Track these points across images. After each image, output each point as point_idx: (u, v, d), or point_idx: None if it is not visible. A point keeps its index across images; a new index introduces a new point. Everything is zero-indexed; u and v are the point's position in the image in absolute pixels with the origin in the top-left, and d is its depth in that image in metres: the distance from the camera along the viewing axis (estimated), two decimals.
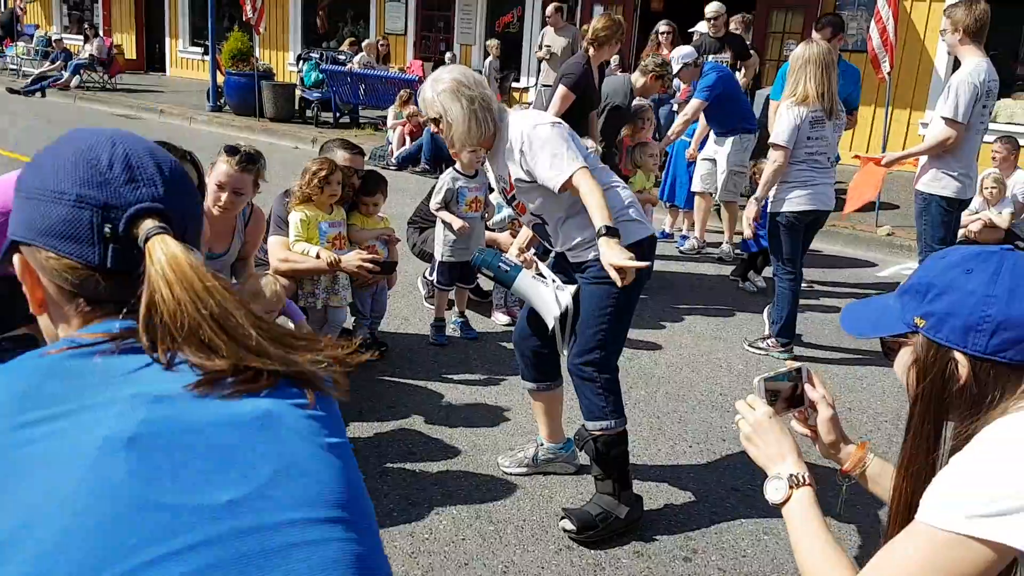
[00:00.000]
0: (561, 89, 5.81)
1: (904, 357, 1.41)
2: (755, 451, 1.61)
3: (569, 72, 5.90)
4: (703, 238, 7.55)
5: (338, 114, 13.98)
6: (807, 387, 1.70)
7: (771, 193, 4.95)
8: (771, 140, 4.91)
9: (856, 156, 6.57)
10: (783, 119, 4.80)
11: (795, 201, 4.85)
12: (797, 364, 1.71)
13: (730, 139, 7.18)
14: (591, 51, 5.84)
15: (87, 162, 1.00)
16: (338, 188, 4.25)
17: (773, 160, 4.83)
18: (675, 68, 6.93)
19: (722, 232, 7.54)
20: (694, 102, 7.07)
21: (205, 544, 0.83)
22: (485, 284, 5.76)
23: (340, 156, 4.41)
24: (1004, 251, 1.34)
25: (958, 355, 1.32)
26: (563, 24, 11.27)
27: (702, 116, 7.26)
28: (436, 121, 3.11)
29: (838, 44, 6.75)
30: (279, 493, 0.89)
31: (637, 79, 6.35)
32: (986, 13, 4.87)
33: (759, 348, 5.18)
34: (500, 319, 5.39)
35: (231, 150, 3.63)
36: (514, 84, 15.18)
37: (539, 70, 11.33)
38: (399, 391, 4.28)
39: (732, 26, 9.94)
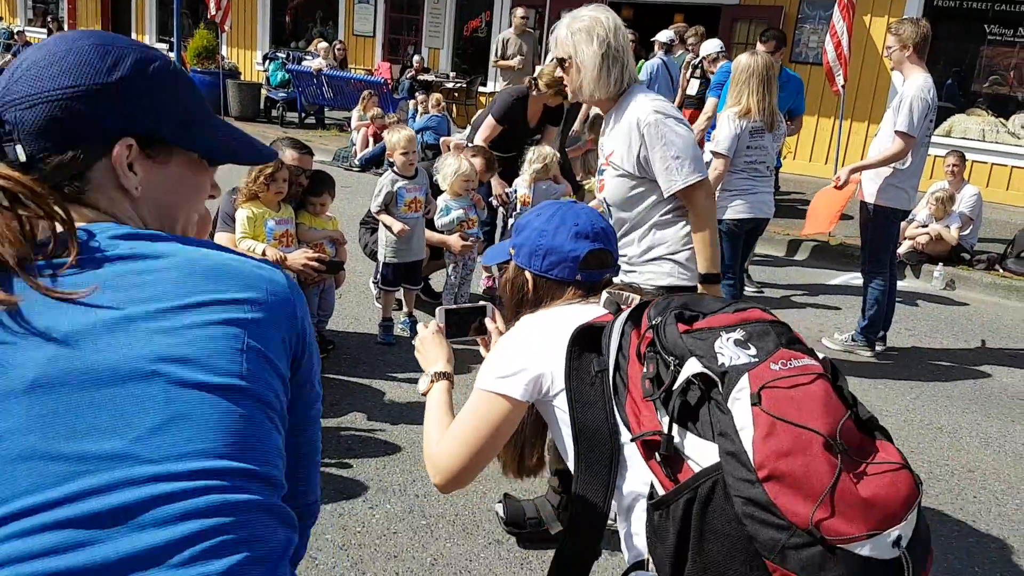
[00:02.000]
0: (489, 119, 6.03)
1: (505, 276, 1.93)
2: (420, 357, 2.04)
3: (501, 104, 6.07)
4: None
5: (303, 114, 13.96)
6: (487, 321, 2.07)
7: None
8: (712, 149, 5.03)
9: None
10: (724, 129, 4.93)
11: (735, 209, 4.98)
12: (483, 303, 2.10)
13: None
14: (534, 92, 5.94)
15: None
16: (284, 186, 4.27)
17: (714, 168, 4.93)
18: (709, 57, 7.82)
19: None
20: (710, 100, 7.37)
21: (80, 493, 0.86)
22: (436, 284, 5.81)
23: (288, 155, 4.43)
24: (563, 203, 1.86)
25: (527, 274, 1.85)
26: (527, 31, 11.31)
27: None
28: (563, 63, 2.86)
29: (779, 58, 6.92)
30: (157, 443, 0.90)
31: (543, 88, 6.03)
32: (929, 30, 5.01)
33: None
34: None
35: None
36: (480, 88, 15.23)
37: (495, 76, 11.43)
38: (342, 390, 4.31)
39: (691, 39, 10.10)
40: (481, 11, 15.76)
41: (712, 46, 8.38)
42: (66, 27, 18.55)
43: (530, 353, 1.69)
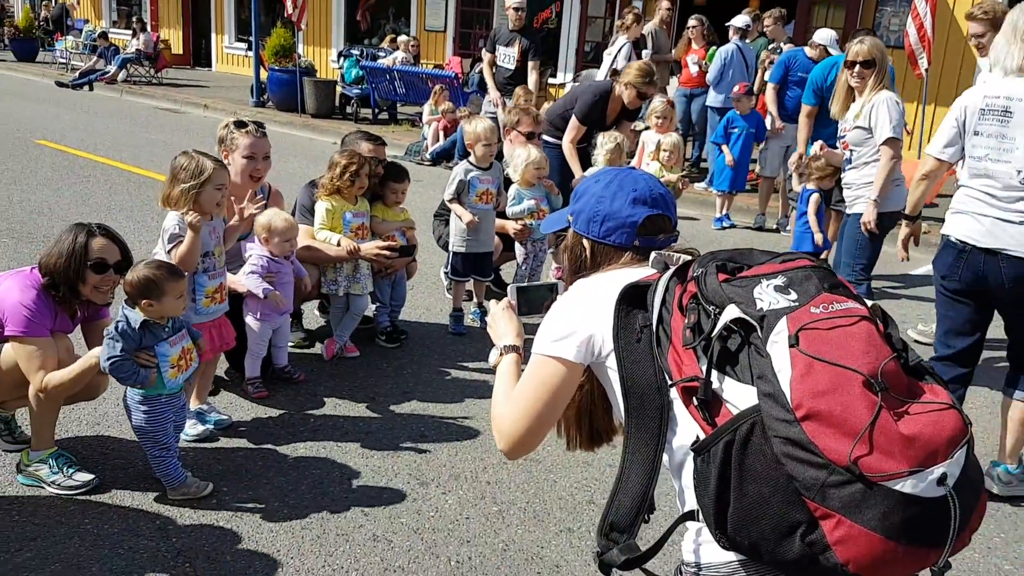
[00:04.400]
0: (573, 120, 6.14)
1: (564, 243, 1.92)
2: (491, 332, 2.06)
3: (583, 104, 6.14)
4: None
5: (377, 110, 14.15)
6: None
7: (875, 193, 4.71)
8: (888, 135, 4.58)
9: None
10: (895, 111, 4.58)
11: (893, 201, 4.74)
12: (553, 281, 2.06)
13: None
14: (616, 90, 5.95)
15: None
16: (367, 180, 4.37)
17: (890, 155, 4.61)
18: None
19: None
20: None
21: None
22: (506, 275, 5.84)
23: (364, 147, 4.52)
24: (622, 169, 1.86)
25: (585, 241, 1.83)
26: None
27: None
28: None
29: None
30: None
31: (623, 92, 6.16)
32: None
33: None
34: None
35: (240, 124, 3.84)
36: (551, 80, 15.20)
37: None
38: (415, 378, 4.37)
39: (768, 21, 9.90)
40: (551, 2, 15.70)
41: (826, 36, 7.95)
42: (149, 29, 19.17)
43: (581, 315, 1.70)
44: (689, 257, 1.66)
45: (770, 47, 9.98)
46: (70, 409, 3.65)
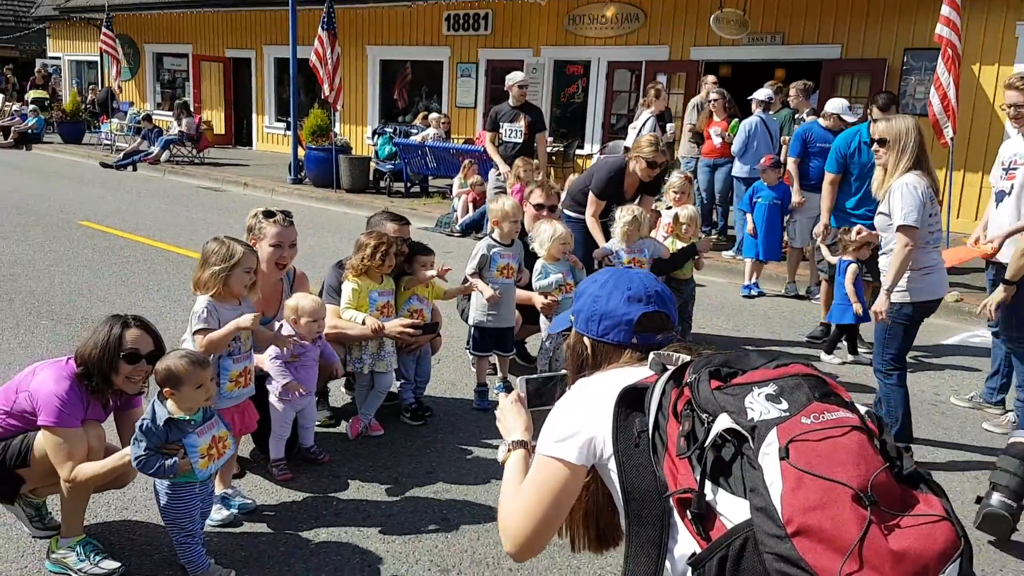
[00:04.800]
0: (591, 196, 6.24)
1: (567, 342, 1.97)
2: (500, 426, 2.10)
3: (598, 180, 6.24)
4: None
5: (409, 184, 14.47)
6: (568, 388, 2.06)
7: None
8: (901, 222, 4.27)
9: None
10: (909, 197, 4.27)
11: (923, 290, 4.42)
12: (563, 371, 2.12)
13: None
14: (630, 166, 6.06)
15: None
16: (395, 260, 4.47)
17: (906, 244, 4.28)
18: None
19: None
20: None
21: None
22: (532, 349, 5.87)
23: (390, 227, 4.65)
24: (619, 269, 1.94)
25: (586, 340, 1.89)
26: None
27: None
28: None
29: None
30: None
31: (635, 166, 6.17)
32: None
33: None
34: None
35: (268, 213, 3.98)
36: (577, 151, 15.45)
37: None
38: (439, 457, 4.38)
39: (792, 92, 10.02)
40: (578, 78, 16.07)
41: (838, 105, 8.04)
42: (192, 110, 19.89)
43: (582, 416, 1.73)
44: (688, 357, 1.68)
45: (795, 117, 10.10)
46: (99, 494, 3.71)
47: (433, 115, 15.24)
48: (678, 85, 14.68)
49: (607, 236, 6.27)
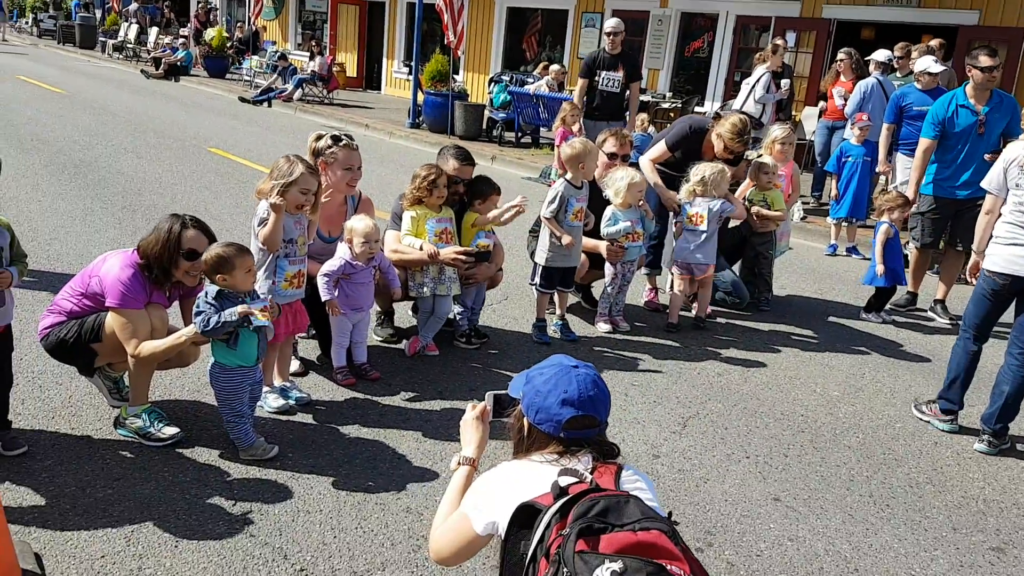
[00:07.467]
0: (661, 143, 6.12)
1: (515, 414, 2.17)
2: (461, 436, 2.39)
3: (676, 132, 6.09)
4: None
5: (520, 134, 14.65)
6: None
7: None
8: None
9: None
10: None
11: (998, 260, 4.38)
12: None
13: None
14: (711, 136, 5.88)
15: None
16: (444, 192, 4.71)
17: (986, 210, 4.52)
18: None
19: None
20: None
21: None
22: (596, 291, 6.03)
23: (451, 165, 4.88)
24: (566, 366, 2.07)
25: (525, 420, 2.10)
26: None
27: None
28: None
29: (994, 76, 6.19)
30: None
31: (715, 140, 5.87)
32: None
33: (921, 412, 4.70)
34: (602, 327, 5.64)
35: (337, 138, 4.28)
36: (697, 108, 15.21)
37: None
38: (483, 377, 4.66)
39: (915, 54, 9.55)
40: (704, 32, 15.74)
41: (924, 63, 7.76)
42: (326, 52, 20.66)
43: (494, 497, 2.00)
44: (589, 478, 1.88)
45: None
46: (177, 375, 4.19)
47: (554, 67, 15.29)
48: (807, 44, 14.20)
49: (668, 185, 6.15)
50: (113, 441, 3.63)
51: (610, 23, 9.58)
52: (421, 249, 4.62)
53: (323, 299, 4.27)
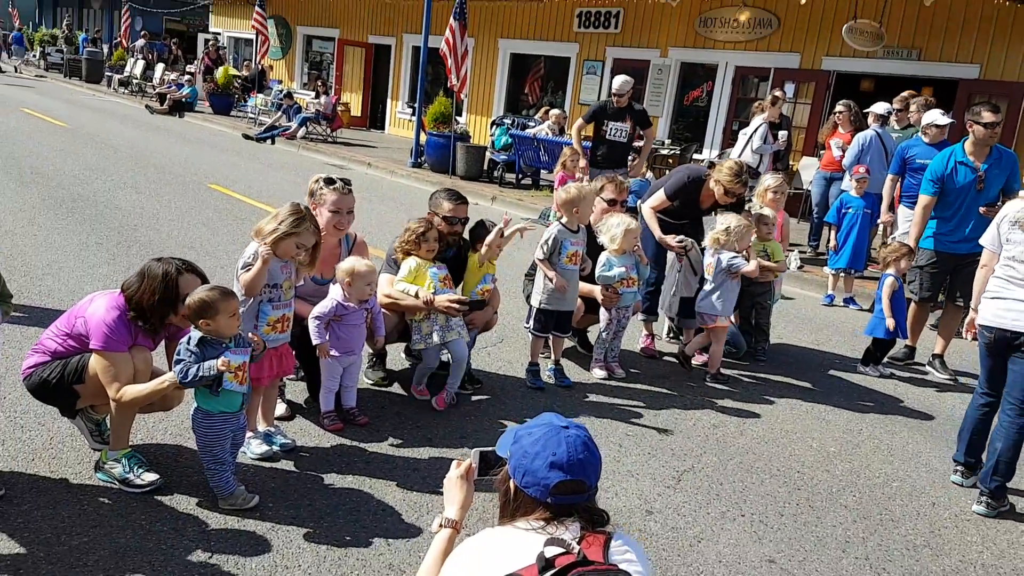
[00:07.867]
0: (661, 192, 6.11)
1: (501, 475, 2.09)
2: (444, 495, 2.33)
3: (675, 182, 6.09)
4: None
5: (521, 175, 14.71)
6: None
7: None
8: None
9: None
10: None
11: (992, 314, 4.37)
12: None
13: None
14: (709, 181, 5.93)
15: None
16: (435, 244, 4.68)
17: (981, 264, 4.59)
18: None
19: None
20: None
21: None
22: (591, 336, 5.96)
23: (445, 207, 4.85)
24: (556, 426, 2.00)
25: (512, 482, 2.02)
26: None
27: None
28: None
29: (994, 134, 6.18)
30: None
31: (714, 186, 5.93)
32: None
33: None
34: (597, 373, 5.57)
35: (330, 180, 4.26)
36: (695, 156, 15.28)
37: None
38: (475, 424, 4.58)
39: (913, 107, 9.60)
40: (703, 82, 15.88)
41: (931, 116, 7.69)
42: (331, 91, 20.83)
43: (473, 573, 1.91)
44: (576, 548, 1.82)
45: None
46: (159, 419, 4.11)
47: (554, 111, 15.40)
48: (806, 95, 14.29)
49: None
50: (92, 486, 3.53)
51: (617, 82, 9.66)
52: (416, 296, 4.57)
53: (314, 343, 4.20)
